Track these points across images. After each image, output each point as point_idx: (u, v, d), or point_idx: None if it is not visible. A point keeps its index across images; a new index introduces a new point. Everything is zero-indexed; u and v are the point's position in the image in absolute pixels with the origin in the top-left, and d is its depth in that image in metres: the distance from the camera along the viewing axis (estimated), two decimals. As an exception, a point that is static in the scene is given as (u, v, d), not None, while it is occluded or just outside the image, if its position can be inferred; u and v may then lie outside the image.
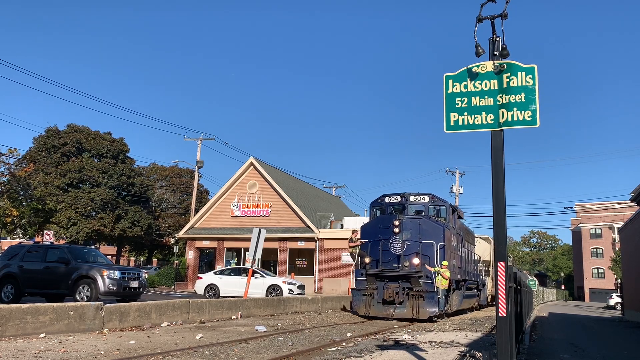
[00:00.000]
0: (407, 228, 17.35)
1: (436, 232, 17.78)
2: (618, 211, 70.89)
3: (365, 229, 18.83)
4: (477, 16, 5.95)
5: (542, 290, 62.31)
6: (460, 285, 20.79)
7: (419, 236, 17.33)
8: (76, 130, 45.68)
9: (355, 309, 17.77)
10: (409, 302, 16.68)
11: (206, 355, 8.13)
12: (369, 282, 17.34)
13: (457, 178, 52.58)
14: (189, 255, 39.46)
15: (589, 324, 23.48)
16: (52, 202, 41.78)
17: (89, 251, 18.63)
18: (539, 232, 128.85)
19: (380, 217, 18.86)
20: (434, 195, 19.39)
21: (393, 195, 19.40)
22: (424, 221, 17.86)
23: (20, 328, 9.34)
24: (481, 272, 28.42)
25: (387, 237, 17.38)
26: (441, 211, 19.33)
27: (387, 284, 16.96)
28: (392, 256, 17.21)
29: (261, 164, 39.05)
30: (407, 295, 16.73)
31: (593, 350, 11.59)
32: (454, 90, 6.10)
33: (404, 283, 16.84)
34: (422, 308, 16.49)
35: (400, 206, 18.95)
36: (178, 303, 13.35)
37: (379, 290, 17.11)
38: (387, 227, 17.46)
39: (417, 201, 19.07)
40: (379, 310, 16.98)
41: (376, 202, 19.81)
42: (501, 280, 5.55)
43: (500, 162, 5.68)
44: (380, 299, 17.01)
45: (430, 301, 16.57)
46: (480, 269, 28.56)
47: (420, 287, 16.64)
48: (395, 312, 16.71)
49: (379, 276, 17.27)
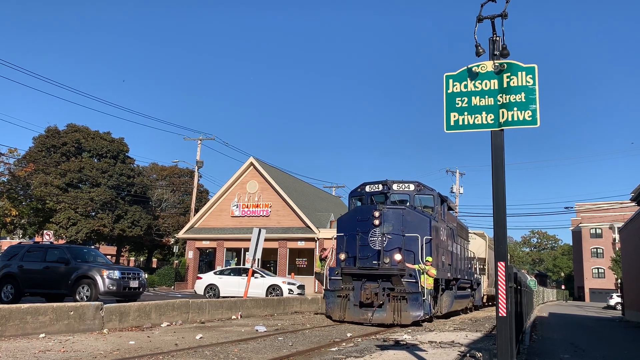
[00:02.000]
0: (388, 220, 15.39)
1: (422, 224, 15.75)
2: (618, 211, 70.87)
3: (342, 221, 16.71)
4: (477, 16, 5.95)
5: (542, 290, 62.29)
6: (451, 284, 18.89)
7: (401, 229, 15.33)
8: (76, 130, 45.67)
9: (328, 312, 15.74)
10: (390, 305, 14.67)
11: (206, 355, 8.12)
12: (345, 281, 15.34)
13: (457, 178, 52.64)
14: (189, 255, 39.47)
15: (589, 324, 23.47)
16: (51, 202, 41.79)
17: (89, 251, 18.64)
18: (539, 232, 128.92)
19: (358, 207, 16.85)
20: (420, 183, 17.29)
21: (374, 183, 17.27)
22: (407, 212, 15.79)
23: (20, 328, 9.33)
24: (475, 271, 26.22)
25: (366, 231, 15.39)
26: (428, 201, 17.29)
27: (365, 284, 14.97)
28: (372, 252, 15.23)
29: (261, 164, 39.06)
30: (387, 296, 14.76)
31: (593, 351, 11.59)
32: (454, 90, 6.10)
33: (385, 283, 14.87)
34: (404, 311, 14.51)
35: (382, 196, 16.94)
36: (178, 303, 13.35)
37: (356, 291, 15.06)
38: (366, 218, 15.49)
39: (401, 190, 16.99)
40: (355, 314, 14.99)
41: (355, 192, 17.81)
42: (501, 280, 5.54)
43: (501, 162, 5.68)
44: (357, 301, 14.96)
45: (414, 303, 14.58)
46: (475, 267, 26.38)
47: (403, 287, 14.68)
48: (373, 316, 14.73)
49: (356, 275, 15.24)
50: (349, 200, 18.29)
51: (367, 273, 15.02)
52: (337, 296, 15.32)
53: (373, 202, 16.70)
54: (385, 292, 14.77)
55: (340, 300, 15.24)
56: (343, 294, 15.23)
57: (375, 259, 15.10)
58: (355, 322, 14.84)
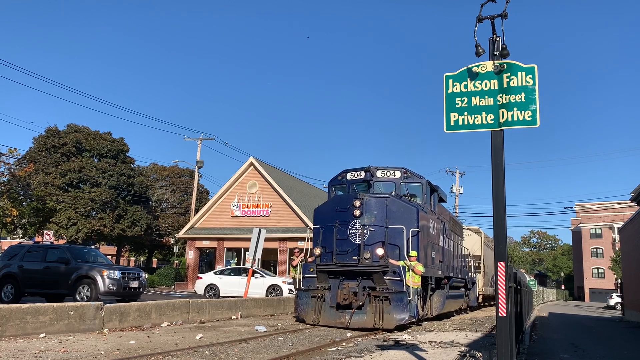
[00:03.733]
0: (370, 210, 13.83)
1: (408, 215, 14.14)
2: (618, 211, 70.90)
3: (320, 212, 15.06)
4: (477, 16, 5.95)
5: (542, 290, 62.36)
6: (442, 283, 17.32)
7: (385, 220, 13.74)
8: (76, 130, 45.68)
9: (301, 315, 13.96)
10: (371, 306, 13.07)
11: (206, 355, 8.13)
12: (320, 280, 13.75)
13: (457, 178, 52.63)
14: (189, 255, 39.49)
15: (589, 324, 23.47)
16: (52, 202, 41.79)
17: (89, 251, 18.65)
18: (539, 232, 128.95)
19: (337, 196, 15.40)
20: (408, 169, 15.55)
21: (356, 170, 15.67)
22: (392, 201, 14.19)
23: (20, 328, 9.34)
24: (470, 269, 24.48)
25: (345, 222, 13.85)
26: (416, 189, 15.63)
27: (343, 283, 13.39)
28: (351, 246, 13.63)
29: (261, 164, 39.07)
30: (368, 297, 13.19)
31: (593, 350, 11.60)
32: (454, 90, 6.11)
33: (365, 281, 13.30)
34: (387, 314, 12.89)
35: (365, 184, 15.39)
36: (178, 303, 13.36)
37: (333, 290, 13.46)
38: (346, 209, 13.95)
39: (385, 177, 15.39)
40: (331, 317, 13.38)
41: (336, 180, 16.18)
42: (501, 280, 5.55)
43: (501, 162, 5.68)
44: (333, 302, 13.36)
45: (399, 304, 12.90)
46: (470, 264, 24.71)
47: (386, 285, 13.11)
48: (351, 319, 13.07)
49: (333, 272, 13.63)
50: (328, 189, 16.61)
51: (345, 270, 13.43)
52: (312, 297, 13.75)
53: (355, 191, 15.11)
54: (365, 292, 13.21)
55: (314, 301, 13.64)
56: (318, 294, 13.64)
57: (356, 254, 13.49)
58: (331, 326, 13.28)
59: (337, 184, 16.11)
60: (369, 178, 15.31)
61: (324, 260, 14.02)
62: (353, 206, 13.75)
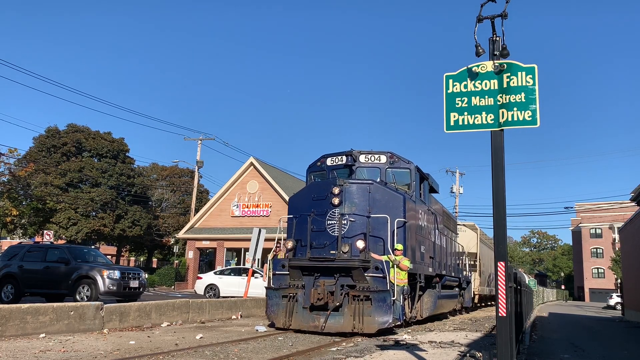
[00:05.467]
0: (351, 198, 12.30)
1: (394, 204, 12.58)
2: (618, 211, 70.90)
3: (295, 201, 13.62)
4: (477, 16, 5.95)
5: (542, 290, 62.39)
6: (434, 282, 15.85)
7: (368, 209, 12.18)
8: (76, 130, 45.70)
9: (271, 318, 12.41)
10: (349, 307, 11.48)
11: (206, 355, 8.13)
12: (293, 277, 12.14)
13: (457, 178, 52.60)
14: (189, 255, 39.50)
15: (589, 324, 23.48)
16: (52, 202, 41.80)
17: (89, 251, 18.66)
18: (539, 232, 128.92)
19: (314, 183, 13.85)
20: (395, 153, 13.90)
21: (337, 155, 14.07)
22: (376, 188, 12.62)
23: (20, 328, 9.35)
24: (465, 267, 22.89)
25: (323, 212, 12.30)
26: (404, 176, 13.90)
27: (319, 280, 11.77)
28: (329, 239, 12.04)
29: (261, 164, 39.07)
30: (346, 296, 11.60)
31: (593, 350, 11.60)
32: (454, 90, 6.11)
33: (344, 278, 11.66)
34: (367, 316, 11.30)
35: (347, 170, 13.80)
36: (178, 303, 13.36)
37: (307, 289, 11.85)
38: (323, 197, 12.41)
39: (370, 162, 13.76)
40: (304, 320, 11.73)
41: (315, 166, 14.55)
42: (501, 280, 5.55)
43: (500, 162, 5.68)
44: (307, 302, 11.73)
45: (381, 305, 11.28)
46: (465, 263, 23.11)
47: (367, 283, 11.52)
48: (326, 323, 11.42)
49: (307, 269, 12.01)
50: (306, 176, 14.92)
51: (321, 266, 11.81)
52: (283, 296, 12.14)
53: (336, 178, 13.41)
54: (343, 291, 11.62)
55: (286, 301, 12.04)
56: (290, 293, 12.08)
57: (334, 247, 11.88)
58: (303, 331, 11.72)
59: (316, 170, 14.49)
60: (351, 163, 13.74)
61: (298, 254, 12.46)
62: (331, 194, 12.25)
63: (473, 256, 26.17)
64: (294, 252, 12.61)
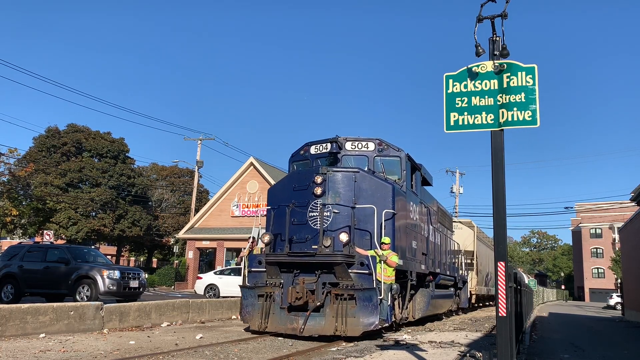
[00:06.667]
0: (335, 188, 11.34)
1: (382, 194, 11.54)
2: (618, 211, 70.91)
3: (275, 191, 12.56)
4: (477, 16, 5.95)
5: (542, 290, 62.39)
6: (427, 281, 14.83)
7: (353, 200, 11.25)
8: (76, 130, 45.71)
9: (245, 319, 11.24)
10: (331, 308, 10.46)
11: (206, 355, 8.13)
12: (270, 274, 11.09)
13: (457, 178, 52.59)
14: (189, 255, 39.52)
15: (589, 324, 23.48)
16: (52, 202, 41.82)
17: (89, 251, 18.67)
18: (539, 232, 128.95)
19: (295, 172, 12.84)
20: (384, 140, 12.90)
21: (321, 142, 13.05)
22: (362, 176, 11.61)
23: (20, 328, 9.35)
24: (461, 266, 21.96)
25: (304, 203, 11.29)
26: (393, 165, 12.81)
27: (298, 278, 10.72)
28: (311, 232, 11.08)
29: (261, 164, 39.08)
30: (328, 295, 10.57)
31: (593, 350, 11.60)
32: (454, 90, 6.11)
33: (326, 275, 10.66)
34: (352, 317, 10.27)
35: (331, 158, 12.77)
36: (178, 303, 13.37)
37: (285, 287, 10.76)
38: (305, 186, 11.44)
39: (357, 150, 12.77)
40: (281, 321, 10.66)
41: (297, 155, 13.50)
42: (501, 280, 5.55)
43: (500, 162, 5.68)
44: (285, 302, 10.64)
45: (366, 305, 10.25)
46: (461, 261, 22.16)
47: (351, 281, 10.52)
48: (306, 325, 10.39)
49: (286, 265, 10.96)
50: (289, 166, 13.84)
51: (300, 261, 10.77)
52: (259, 296, 11.06)
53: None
54: (325, 289, 10.60)
55: (262, 301, 10.94)
56: (267, 292, 10.98)
57: (317, 241, 10.86)
58: (280, 334, 10.74)
59: (299, 159, 13.40)
60: (337, 150, 12.68)
61: (278, 250, 11.51)
62: (314, 183, 11.23)
63: (470, 254, 25.18)
64: (274, 247, 11.64)
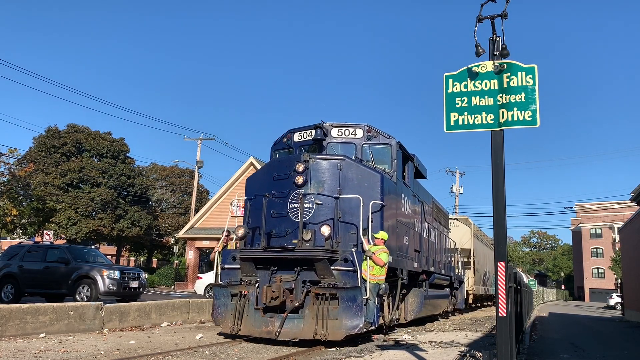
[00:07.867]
0: (318, 177, 10.38)
1: (369, 183, 10.54)
2: (618, 211, 70.91)
3: (253, 181, 11.50)
4: (477, 16, 5.95)
5: (542, 290, 62.41)
6: (420, 280, 13.96)
7: (338, 190, 10.30)
8: (76, 130, 45.72)
9: (217, 321, 10.24)
10: (311, 309, 9.46)
11: (206, 355, 8.13)
12: (245, 271, 10.09)
13: (457, 178, 52.58)
14: (189, 255, 39.50)
15: (589, 323, 23.48)
16: (52, 202, 41.82)
17: (89, 251, 18.66)
18: (539, 232, 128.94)
19: (275, 160, 11.72)
20: (373, 127, 11.83)
21: (305, 129, 11.95)
22: (348, 164, 10.63)
23: (20, 328, 9.35)
24: (457, 265, 20.90)
25: (285, 194, 10.35)
26: (383, 153, 11.75)
27: (276, 275, 9.78)
28: (292, 226, 10.09)
29: (261, 164, 39.05)
30: (308, 294, 9.58)
31: (593, 350, 11.60)
32: (454, 90, 6.11)
33: (306, 273, 9.70)
34: (333, 319, 9.29)
35: (316, 146, 11.75)
36: (178, 303, 13.37)
37: (261, 286, 9.75)
38: (285, 175, 10.53)
39: (344, 137, 11.71)
40: (256, 324, 9.69)
41: (280, 143, 12.45)
42: (501, 280, 5.55)
43: (500, 162, 5.68)
44: (260, 303, 9.67)
45: (350, 306, 9.25)
46: (457, 260, 21.10)
47: (333, 279, 9.53)
48: (282, 328, 9.45)
49: (262, 261, 9.98)
50: (270, 155, 12.67)
51: (277, 257, 9.80)
52: (232, 295, 10.05)
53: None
54: (305, 288, 9.63)
55: (235, 301, 9.93)
56: (240, 291, 9.96)
57: (297, 235, 9.86)
58: (255, 337, 9.87)
59: (282, 147, 12.36)
60: (321, 137, 11.61)
61: (256, 244, 10.45)
62: (295, 171, 10.31)
63: (467, 253, 24.10)
64: (251, 242, 10.69)
